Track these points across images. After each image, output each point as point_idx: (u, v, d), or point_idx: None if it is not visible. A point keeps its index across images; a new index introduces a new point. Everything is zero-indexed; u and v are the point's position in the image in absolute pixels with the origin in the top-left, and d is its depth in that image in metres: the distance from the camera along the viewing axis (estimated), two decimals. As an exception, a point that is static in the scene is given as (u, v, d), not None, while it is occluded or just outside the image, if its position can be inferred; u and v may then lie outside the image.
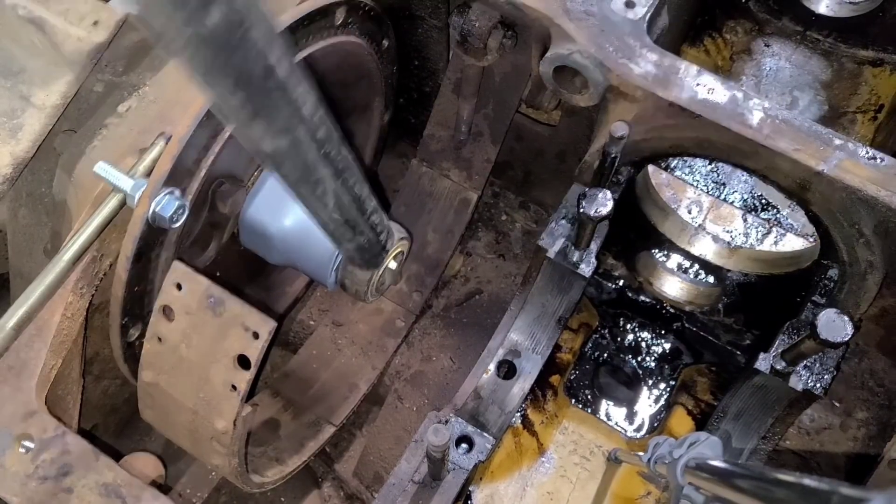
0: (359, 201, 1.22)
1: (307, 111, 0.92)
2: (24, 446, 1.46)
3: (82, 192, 1.65)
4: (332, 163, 1.04)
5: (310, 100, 0.92)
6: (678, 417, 2.13)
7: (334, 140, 1.02)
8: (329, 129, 0.99)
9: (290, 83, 0.86)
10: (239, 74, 0.78)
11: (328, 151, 1.01)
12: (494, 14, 1.76)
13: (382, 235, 1.46)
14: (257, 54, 0.77)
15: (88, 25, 1.79)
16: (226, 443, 1.51)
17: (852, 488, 0.72)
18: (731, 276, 2.03)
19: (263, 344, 1.38)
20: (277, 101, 0.85)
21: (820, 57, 2.54)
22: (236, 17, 0.71)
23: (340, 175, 1.09)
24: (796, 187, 1.59)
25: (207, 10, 0.68)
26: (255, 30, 0.75)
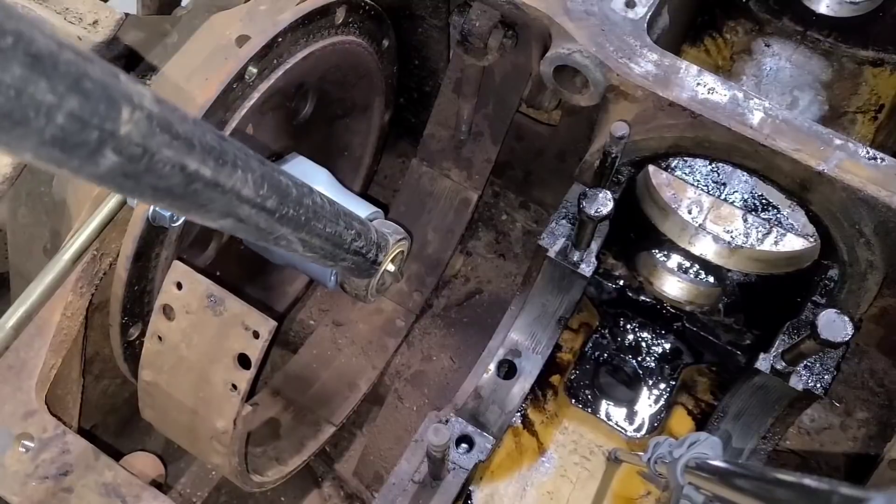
0: (333, 239, 1.19)
1: (249, 192, 0.84)
2: (24, 446, 1.46)
3: (82, 192, 1.65)
4: (291, 220, 0.99)
5: (252, 177, 0.84)
6: (678, 417, 2.13)
7: (291, 198, 0.96)
8: (283, 192, 0.93)
9: (221, 177, 0.78)
10: (155, 191, 0.72)
11: (283, 213, 0.95)
12: (495, 14, 1.76)
13: (370, 254, 1.45)
14: (171, 170, 0.70)
15: (87, 25, 1.79)
16: (226, 442, 1.51)
17: (852, 488, 0.71)
18: (731, 276, 2.03)
19: (264, 343, 1.38)
20: (208, 197, 0.78)
21: (820, 57, 2.53)
22: (135, 151, 0.65)
23: (304, 227, 1.04)
24: (796, 187, 1.59)
25: (99, 156, 0.62)
26: (164, 150, 0.68)
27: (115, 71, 0.62)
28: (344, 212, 1.24)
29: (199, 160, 0.73)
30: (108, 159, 0.63)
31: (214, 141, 0.76)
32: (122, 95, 0.62)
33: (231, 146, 0.80)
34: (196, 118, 0.75)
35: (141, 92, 0.65)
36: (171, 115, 0.68)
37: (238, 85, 1.50)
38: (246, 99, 1.55)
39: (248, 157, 0.84)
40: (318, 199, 1.08)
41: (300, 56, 1.63)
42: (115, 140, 0.62)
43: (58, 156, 0.59)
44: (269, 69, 1.57)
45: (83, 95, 0.57)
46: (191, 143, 0.71)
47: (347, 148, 2.19)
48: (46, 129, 0.56)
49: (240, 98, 1.53)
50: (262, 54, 1.52)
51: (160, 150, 0.67)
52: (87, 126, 0.58)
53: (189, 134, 0.71)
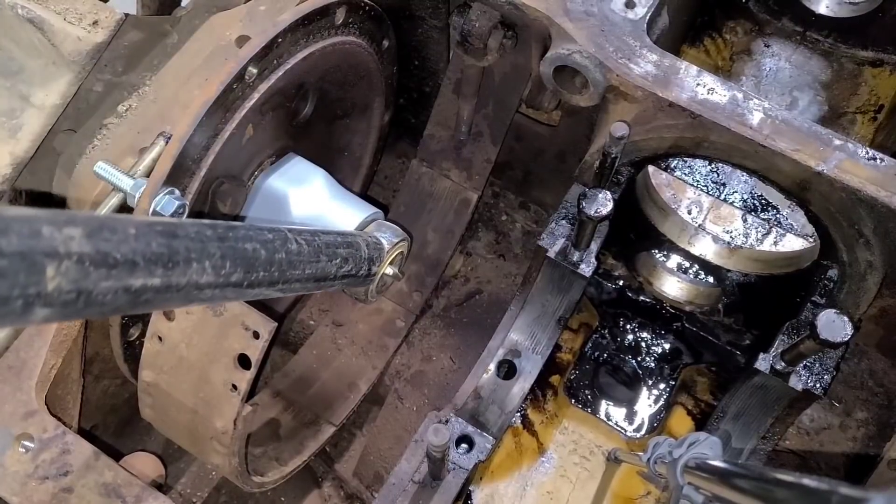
0: (315, 276, 1.18)
1: (209, 277, 0.83)
2: (24, 446, 1.46)
3: (82, 192, 1.65)
4: (262, 282, 0.98)
5: (211, 263, 0.82)
6: (678, 417, 2.13)
7: (260, 263, 0.95)
8: (249, 261, 0.92)
9: (174, 279, 0.76)
10: (103, 314, 0.71)
11: (252, 280, 0.94)
12: (494, 14, 1.76)
13: (361, 272, 1.45)
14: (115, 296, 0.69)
15: (88, 25, 1.79)
16: (226, 442, 1.51)
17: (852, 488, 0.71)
18: (730, 276, 2.03)
19: (264, 344, 1.38)
20: (163, 299, 0.77)
21: (820, 57, 2.54)
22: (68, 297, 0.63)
23: (278, 281, 1.03)
24: (796, 188, 1.59)
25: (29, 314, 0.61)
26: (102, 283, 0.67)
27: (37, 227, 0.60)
28: (328, 243, 1.23)
29: (145, 275, 0.72)
30: (39, 314, 0.62)
31: (163, 245, 0.74)
32: (44, 254, 0.60)
33: (183, 241, 0.78)
34: (143, 224, 0.72)
35: (69, 236, 0.63)
36: (107, 245, 0.66)
37: (238, 85, 1.50)
38: (246, 99, 1.55)
39: (205, 243, 0.81)
40: (295, 244, 1.07)
41: (300, 56, 1.64)
42: (43, 297, 0.61)
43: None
44: (269, 69, 1.57)
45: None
46: (132, 262, 0.70)
47: (347, 148, 2.19)
48: None
49: (240, 98, 1.53)
50: (262, 55, 1.52)
51: (97, 286, 0.66)
52: (10, 299, 0.58)
53: (130, 254, 0.69)
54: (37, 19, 1.75)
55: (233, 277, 0.88)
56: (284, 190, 1.76)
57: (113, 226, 0.69)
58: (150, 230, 0.74)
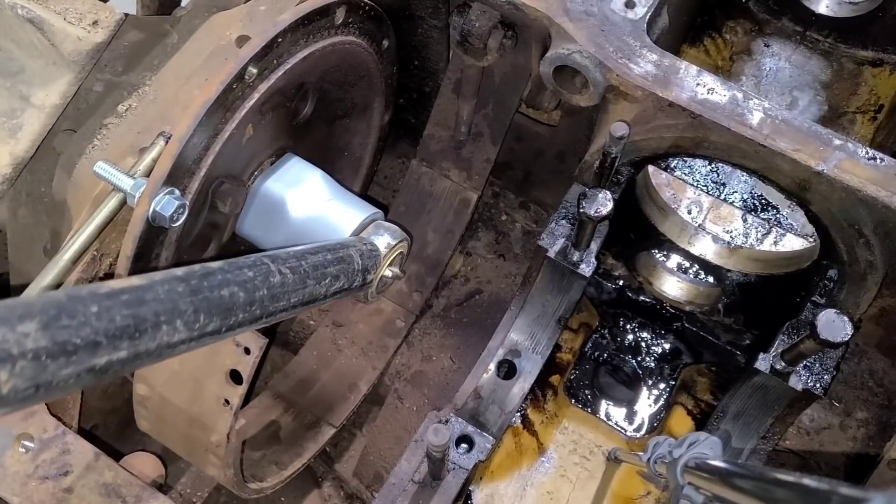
0: (304, 301, 1.18)
1: (182, 334, 0.81)
2: (25, 446, 1.46)
3: (82, 192, 1.65)
4: (244, 322, 0.97)
5: (183, 320, 0.81)
6: (678, 417, 2.13)
7: (238, 306, 0.94)
8: (227, 307, 0.91)
9: (142, 346, 0.75)
10: (65, 393, 0.71)
11: (231, 323, 0.93)
12: (494, 14, 1.76)
13: (356, 284, 1.44)
14: (78, 377, 0.67)
15: (88, 25, 1.79)
16: (220, 455, 1.52)
17: (852, 488, 0.71)
18: (730, 276, 2.03)
19: (255, 360, 1.38)
20: (133, 365, 0.76)
21: (820, 57, 2.54)
22: (27, 393, 0.62)
23: (261, 318, 1.02)
24: (796, 187, 1.59)
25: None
26: (60, 373, 0.65)
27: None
28: (316, 265, 1.21)
29: (109, 351, 0.70)
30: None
31: (128, 317, 0.72)
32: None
33: (152, 305, 0.76)
34: (107, 296, 0.71)
35: (24, 333, 0.61)
36: (66, 332, 0.65)
37: (238, 85, 1.50)
38: (246, 99, 1.55)
39: (176, 302, 0.80)
40: (278, 276, 1.05)
41: (300, 56, 1.64)
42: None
43: None
44: (269, 69, 1.57)
45: None
46: (94, 343, 0.68)
47: (347, 148, 2.19)
48: None
49: (240, 98, 1.53)
50: (262, 54, 1.52)
51: (56, 375, 0.65)
52: None
53: (92, 335, 0.68)
54: (37, 19, 1.75)
55: (209, 327, 0.87)
56: (282, 193, 1.75)
57: (73, 309, 0.67)
58: (115, 303, 0.72)
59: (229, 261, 0.99)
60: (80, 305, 0.68)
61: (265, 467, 1.94)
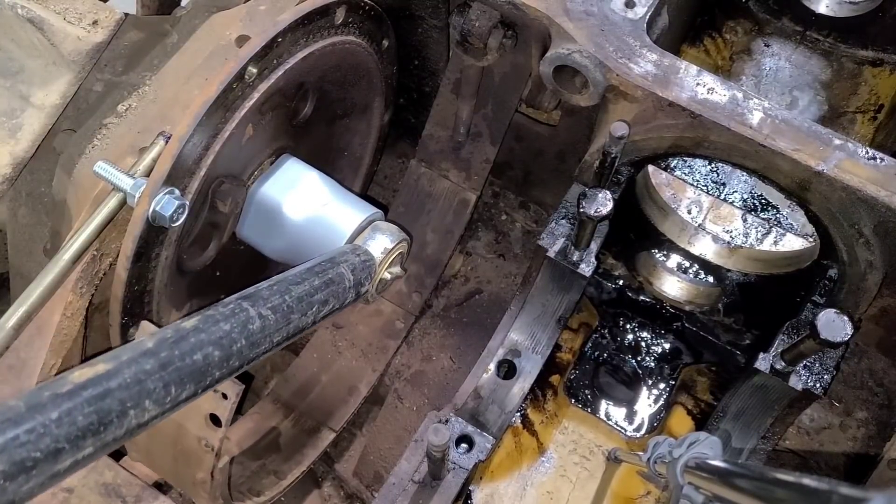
0: (291, 335, 1.17)
1: (153, 411, 0.80)
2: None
3: (82, 192, 1.65)
4: (224, 375, 0.96)
5: (152, 399, 0.79)
6: (678, 417, 2.13)
7: (213, 365, 0.92)
8: (202, 372, 0.89)
9: (110, 435, 0.74)
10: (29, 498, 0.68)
11: (209, 382, 0.92)
12: (494, 14, 1.76)
13: (349, 300, 1.44)
14: (45, 482, 0.67)
15: (87, 25, 1.79)
16: (207, 489, 1.53)
17: (852, 488, 0.71)
18: (730, 275, 2.03)
19: (232, 405, 1.40)
20: (105, 451, 0.74)
21: (820, 57, 2.54)
22: None
23: (242, 366, 1.01)
24: (796, 187, 1.59)
25: None
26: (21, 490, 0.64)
27: None
28: (301, 296, 1.20)
29: (73, 453, 0.69)
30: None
31: (91, 413, 0.70)
32: None
33: (117, 394, 0.74)
34: (69, 395, 0.69)
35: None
36: (24, 449, 0.64)
37: (238, 85, 1.50)
38: (246, 99, 1.55)
39: (143, 382, 0.78)
40: (258, 321, 1.03)
41: (300, 56, 1.63)
42: None
43: None
44: (269, 69, 1.57)
45: None
46: (56, 450, 0.67)
47: (347, 148, 2.19)
48: None
49: (240, 98, 1.53)
50: (262, 54, 1.52)
51: (18, 491, 0.64)
52: None
53: (52, 444, 0.66)
54: (37, 19, 1.75)
55: (182, 396, 0.86)
56: (278, 198, 1.74)
57: (31, 419, 0.65)
58: (77, 402, 0.70)
59: (205, 315, 0.95)
60: (38, 415, 0.66)
61: (263, 479, 1.94)
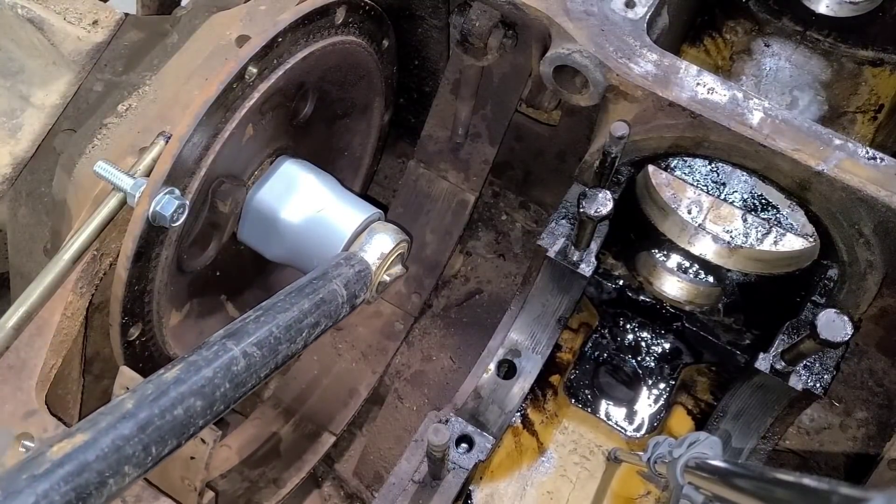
0: (278, 365, 1.16)
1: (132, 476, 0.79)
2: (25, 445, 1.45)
3: (82, 192, 1.65)
4: (207, 423, 0.95)
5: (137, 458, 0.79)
6: (678, 417, 2.13)
7: (197, 415, 0.91)
8: (184, 423, 0.88)
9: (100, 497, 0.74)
10: None
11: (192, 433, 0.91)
12: (494, 14, 1.76)
13: (343, 314, 1.42)
14: None
15: (87, 25, 1.79)
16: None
17: (852, 488, 0.72)
18: (730, 275, 2.03)
19: (210, 450, 1.41)
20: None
21: (820, 57, 2.54)
22: None
23: (227, 408, 1.00)
24: (796, 187, 1.59)
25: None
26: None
27: None
28: (288, 325, 1.18)
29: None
30: None
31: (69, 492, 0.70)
32: None
33: (95, 466, 0.74)
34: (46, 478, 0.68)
35: None
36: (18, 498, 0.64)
37: (238, 84, 1.50)
38: (246, 99, 1.55)
39: (121, 449, 0.77)
40: (243, 361, 1.01)
41: (300, 56, 1.63)
42: None
43: None
44: (270, 69, 1.57)
45: None
46: None
47: (347, 148, 2.19)
48: None
49: (240, 98, 1.53)
50: (263, 54, 1.52)
51: None
52: None
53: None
54: (37, 19, 1.75)
55: (163, 452, 0.85)
56: (275, 204, 1.74)
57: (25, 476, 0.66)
58: (53, 482, 0.70)
59: (187, 361, 0.93)
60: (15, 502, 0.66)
61: (262, 488, 1.95)
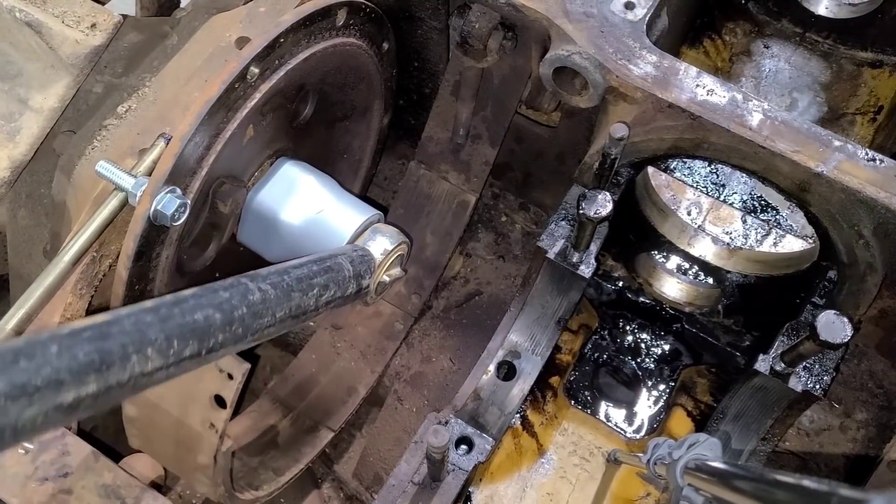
0: (293, 314, 1.17)
1: (156, 361, 0.80)
2: (24, 447, 1.45)
3: (81, 194, 1.65)
4: (226, 342, 0.96)
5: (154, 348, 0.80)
6: (677, 418, 2.13)
7: (216, 327, 0.93)
8: (203, 329, 0.90)
9: (111, 378, 0.74)
10: (42, 431, 0.69)
11: (211, 346, 0.92)
12: (494, 15, 1.76)
13: (350, 291, 1.44)
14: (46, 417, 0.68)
15: (86, 28, 1.79)
16: (209, 475, 1.53)
17: (852, 489, 0.72)
18: (730, 277, 2.03)
19: (238, 385, 1.39)
20: (107, 398, 0.75)
21: (819, 58, 2.54)
22: None
23: (244, 337, 1.01)
24: (795, 189, 1.59)
25: None
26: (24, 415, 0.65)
27: None
28: (300, 277, 1.20)
29: (76, 387, 0.70)
30: None
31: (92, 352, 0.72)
32: None
33: (117, 338, 0.75)
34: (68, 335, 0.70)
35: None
36: (24, 374, 0.65)
37: (240, 85, 1.50)
38: (248, 99, 1.55)
39: (144, 331, 0.79)
40: (258, 293, 1.04)
41: (302, 57, 1.64)
42: None
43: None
44: (271, 69, 1.57)
45: None
46: (57, 381, 0.68)
47: (347, 150, 2.19)
48: None
49: (241, 98, 1.53)
50: (265, 54, 1.52)
51: (21, 415, 0.65)
52: None
53: (53, 374, 0.67)
54: (35, 22, 1.75)
55: (185, 352, 0.86)
56: (276, 204, 1.74)
57: (31, 351, 0.66)
58: (77, 340, 0.71)
59: (204, 286, 0.97)
60: (38, 348, 0.67)
61: (262, 474, 1.94)
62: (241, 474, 1.91)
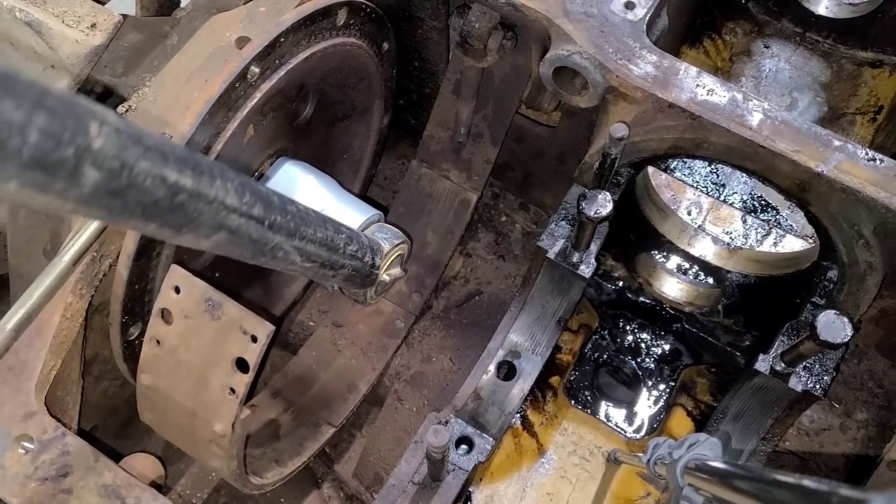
0: (327, 243, 1.18)
1: (233, 200, 0.85)
2: (24, 447, 1.45)
3: (82, 193, 1.65)
4: (282, 228, 0.99)
5: (233, 185, 0.85)
6: (677, 418, 2.13)
7: (275, 205, 0.97)
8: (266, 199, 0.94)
9: (202, 187, 0.79)
10: (144, 208, 0.72)
11: (273, 221, 0.96)
12: (494, 15, 1.76)
13: (367, 258, 1.44)
14: (153, 182, 0.71)
15: (86, 28, 1.79)
16: (224, 445, 1.51)
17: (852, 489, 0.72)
18: (730, 277, 2.03)
19: (261, 347, 1.38)
20: (196, 209, 0.79)
21: (819, 58, 2.54)
22: (113, 165, 0.66)
23: (296, 233, 1.05)
24: (796, 188, 1.59)
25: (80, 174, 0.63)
26: (140, 162, 0.69)
27: (70, 94, 0.63)
28: (327, 217, 1.23)
29: (177, 170, 0.74)
30: (89, 176, 0.64)
31: (185, 152, 0.77)
32: (85, 112, 0.62)
33: (202, 157, 0.81)
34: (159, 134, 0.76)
35: (102, 110, 0.65)
36: (136, 130, 0.69)
37: (241, 84, 1.50)
38: (248, 98, 1.55)
39: (222, 168, 0.84)
40: (301, 206, 1.08)
41: (302, 57, 1.64)
42: (92, 154, 0.63)
43: (41, 178, 0.60)
44: (272, 69, 1.57)
45: (49, 112, 0.58)
46: (163, 154, 0.72)
47: (347, 150, 2.19)
48: (24, 149, 0.57)
49: (242, 97, 1.53)
50: (265, 54, 1.52)
51: (137, 163, 0.68)
52: (61, 142, 0.59)
53: (159, 146, 0.72)
54: (35, 22, 1.75)
55: (254, 210, 0.90)
56: None
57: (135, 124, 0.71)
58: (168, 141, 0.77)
59: None
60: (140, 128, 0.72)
61: (266, 464, 1.94)
62: (247, 463, 1.91)
